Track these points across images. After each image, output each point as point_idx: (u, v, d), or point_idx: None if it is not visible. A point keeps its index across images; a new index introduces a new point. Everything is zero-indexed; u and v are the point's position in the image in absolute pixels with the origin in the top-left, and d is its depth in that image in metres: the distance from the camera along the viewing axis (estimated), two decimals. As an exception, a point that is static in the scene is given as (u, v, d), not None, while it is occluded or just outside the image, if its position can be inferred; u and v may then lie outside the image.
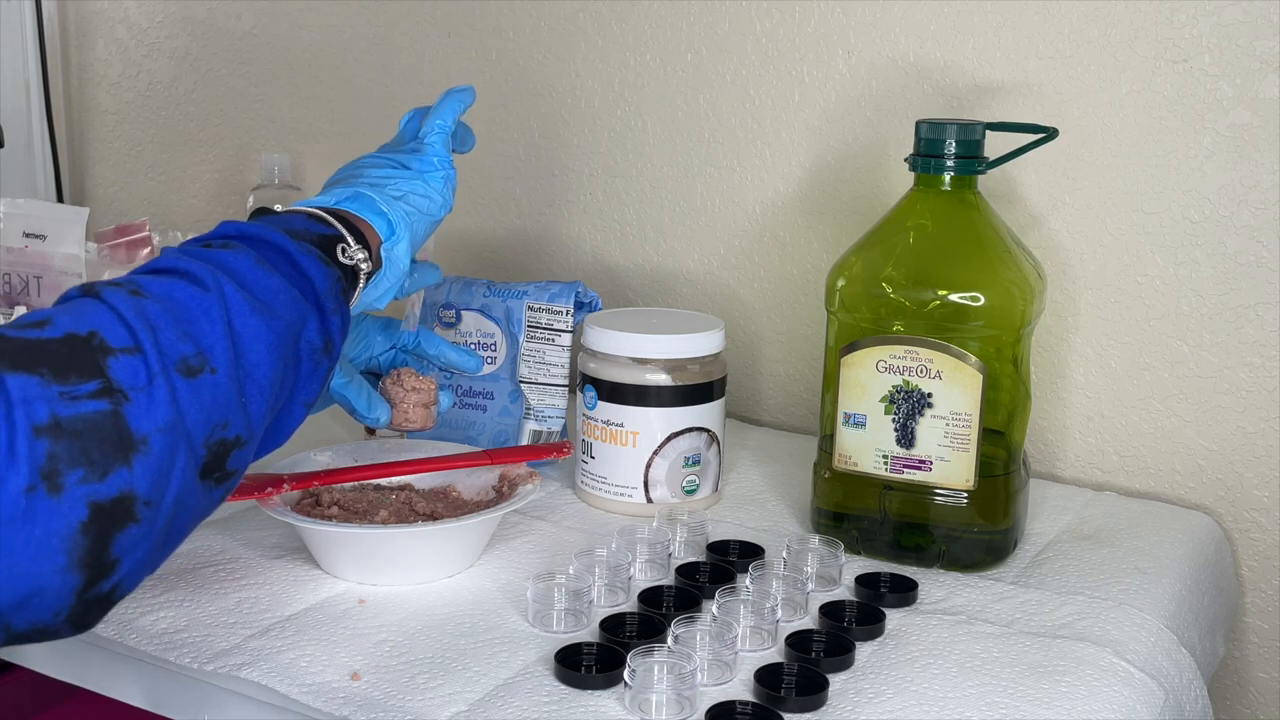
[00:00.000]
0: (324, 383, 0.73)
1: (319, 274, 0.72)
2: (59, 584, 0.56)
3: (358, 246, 0.78)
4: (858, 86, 1.15)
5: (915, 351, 0.87)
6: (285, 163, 1.39)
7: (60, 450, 0.55)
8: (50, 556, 0.56)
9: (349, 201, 0.81)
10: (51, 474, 0.55)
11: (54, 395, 0.56)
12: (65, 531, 0.56)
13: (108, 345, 0.59)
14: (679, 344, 0.97)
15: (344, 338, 0.75)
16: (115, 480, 0.57)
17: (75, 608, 0.58)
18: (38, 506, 0.55)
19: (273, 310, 0.68)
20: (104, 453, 0.57)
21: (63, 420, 0.56)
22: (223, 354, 0.64)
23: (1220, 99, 1.00)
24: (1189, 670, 0.83)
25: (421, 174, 0.85)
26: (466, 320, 1.09)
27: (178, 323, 0.62)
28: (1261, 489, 1.04)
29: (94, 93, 1.68)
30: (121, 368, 0.59)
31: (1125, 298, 1.06)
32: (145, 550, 0.60)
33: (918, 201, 0.91)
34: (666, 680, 0.70)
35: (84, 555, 0.57)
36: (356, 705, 0.70)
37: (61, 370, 0.57)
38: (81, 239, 1.21)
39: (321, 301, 0.72)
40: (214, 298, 0.65)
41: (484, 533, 0.88)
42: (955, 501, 0.89)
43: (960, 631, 0.81)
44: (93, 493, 0.56)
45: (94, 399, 0.57)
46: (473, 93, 0.90)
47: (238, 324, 0.65)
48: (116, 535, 0.58)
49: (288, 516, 0.83)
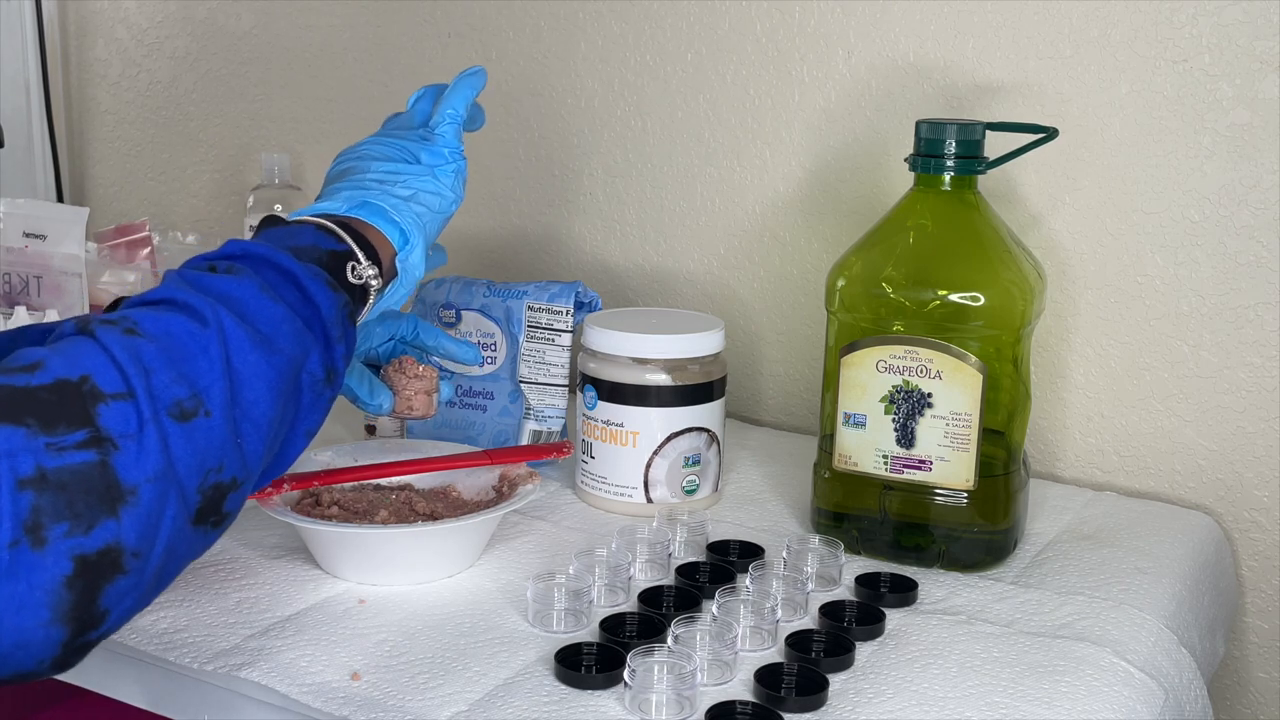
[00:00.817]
0: (325, 412, 0.71)
1: (326, 300, 0.70)
2: (43, 637, 0.55)
3: (368, 263, 0.75)
4: (858, 86, 1.15)
5: (915, 351, 0.87)
6: (285, 163, 1.39)
7: (45, 503, 0.54)
8: (34, 611, 0.55)
9: (359, 210, 0.78)
10: (35, 527, 0.54)
11: (40, 447, 0.55)
12: (49, 586, 0.55)
13: (99, 391, 0.58)
14: (679, 344, 0.97)
15: (348, 363, 0.73)
16: (101, 533, 0.56)
17: (59, 656, 0.57)
18: (20, 560, 0.54)
19: (274, 345, 0.66)
20: (89, 505, 0.56)
21: (48, 472, 0.55)
22: (219, 395, 0.62)
23: (1220, 99, 1.00)
24: (1189, 670, 0.83)
25: (432, 168, 0.83)
26: (466, 320, 1.09)
27: (173, 363, 0.61)
28: (1261, 489, 1.04)
29: (94, 93, 1.68)
30: (112, 415, 0.57)
31: (1125, 298, 1.06)
32: (134, 599, 0.59)
33: (918, 201, 0.91)
34: (666, 680, 0.70)
35: (70, 609, 0.56)
36: (356, 705, 0.70)
37: (49, 420, 0.56)
38: (81, 239, 1.21)
39: (327, 330, 0.70)
40: (213, 333, 0.63)
41: (484, 533, 0.88)
42: (955, 501, 0.89)
43: (960, 631, 0.81)
44: (77, 546, 0.55)
45: (81, 449, 0.56)
46: (484, 75, 0.87)
47: (236, 361, 0.63)
48: (104, 587, 0.57)
49: (288, 516, 0.83)
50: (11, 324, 1.13)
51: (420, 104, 0.89)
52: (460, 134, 0.85)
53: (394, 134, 0.86)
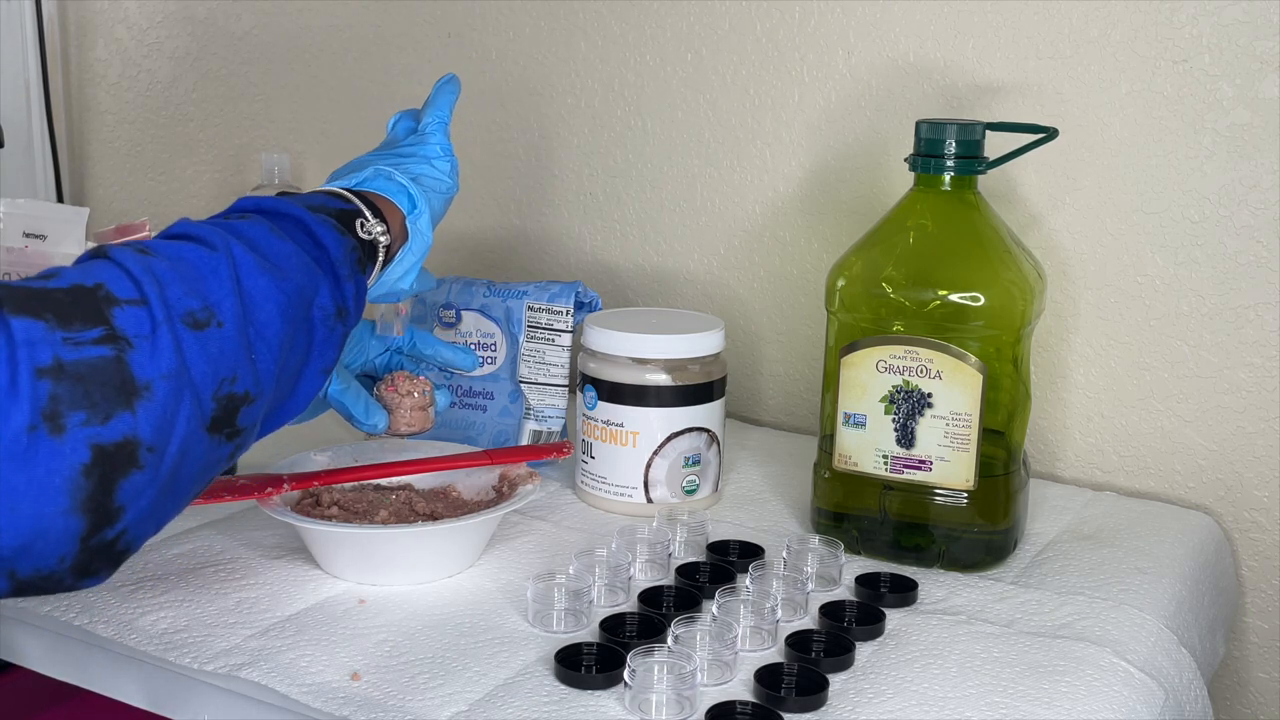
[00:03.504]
0: (339, 349, 0.74)
1: (333, 241, 0.73)
2: (61, 527, 0.57)
3: (376, 221, 0.79)
4: (858, 86, 1.15)
5: (915, 351, 0.87)
6: (285, 163, 1.39)
7: (62, 392, 0.56)
8: (52, 498, 0.56)
9: (369, 181, 0.82)
10: (54, 415, 0.55)
11: (58, 340, 0.57)
12: (67, 472, 0.56)
13: (113, 296, 0.60)
14: (679, 344, 0.97)
15: (360, 306, 0.76)
16: (118, 424, 0.58)
17: (80, 555, 0.58)
18: (39, 446, 0.55)
19: (283, 271, 0.68)
20: (106, 396, 0.57)
21: (66, 364, 0.56)
22: (230, 309, 0.64)
23: (1220, 99, 1.00)
24: (1189, 670, 0.83)
25: (428, 159, 0.87)
26: (466, 320, 1.09)
27: (184, 279, 0.63)
28: (1261, 489, 1.04)
29: (94, 93, 1.68)
30: (126, 317, 0.60)
31: (1125, 298, 1.06)
32: (150, 499, 0.60)
33: (918, 201, 0.91)
34: (666, 680, 0.70)
35: (87, 499, 0.57)
36: (356, 705, 0.70)
37: (66, 316, 0.58)
38: (81, 239, 1.21)
39: (336, 269, 0.73)
40: (222, 256, 0.65)
41: (484, 533, 0.88)
42: (955, 501, 0.89)
43: (960, 631, 0.81)
44: (95, 435, 0.57)
45: (97, 345, 0.58)
46: (458, 82, 0.92)
47: (246, 283, 0.66)
48: (120, 481, 0.58)
49: (288, 516, 0.83)
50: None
51: (401, 124, 0.93)
52: (448, 133, 0.89)
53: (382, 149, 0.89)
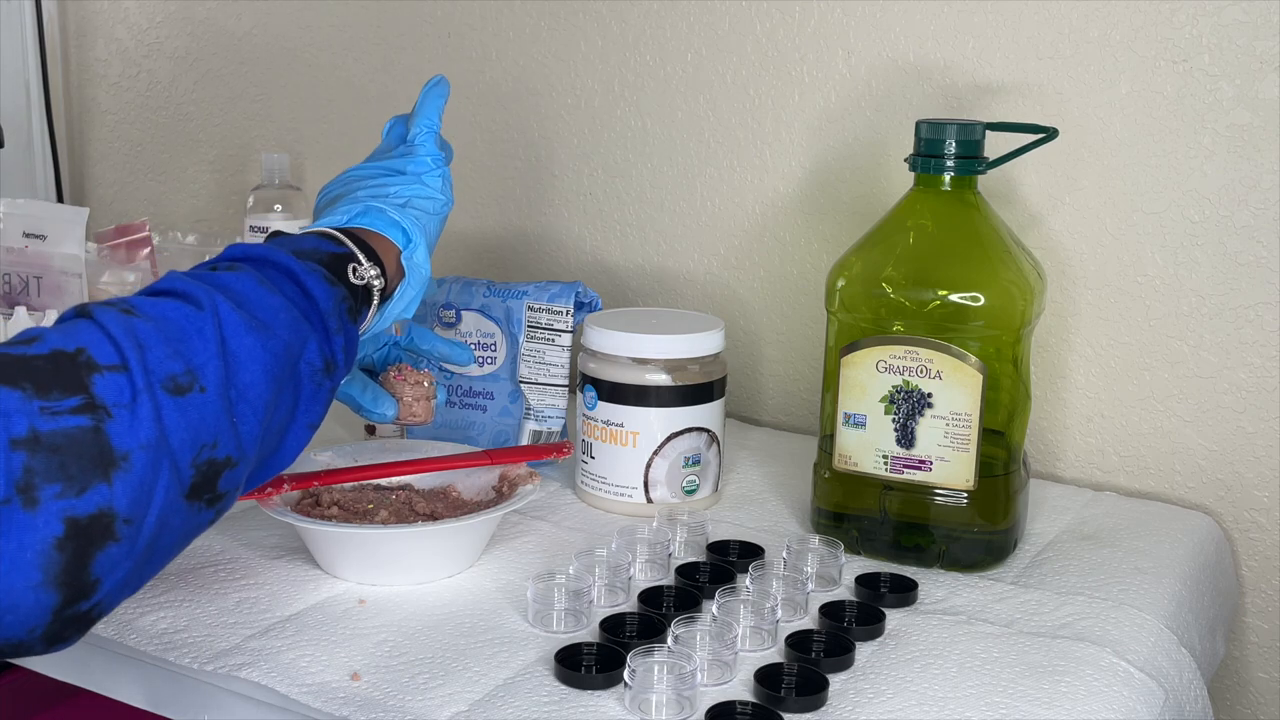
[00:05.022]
0: (327, 404, 0.72)
1: (323, 293, 0.72)
2: (33, 601, 0.56)
3: (369, 264, 0.78)
4: (858, 86, 1.15)
5: (915, 351, 0.87)
6: (285, 163, 1.39)
7: (37, 464, 0.55)
8: (24, 571, 0.55)
9: (360, 217, 0.81)
10: (27, 488, 0.54)
11: (34, 409, 0.56)
12: (40, 546, 0.55)
13: (94, 362, 0.59)
14: (679, 344, 0.97)
15: (350, 358, 0.74)
16: (93, 496, 0.56)
17: (51, 625, 0.57)
18: (12, 520, 0.54)
19: (270, 329, 0.67)
20: (83, 468, 0.56)
21: (42, 435, 0.55)
22: (213, 373, 0.63)
23: (1220, 99, 1.00)
24: (1189, 670, 0.83)
25: (419, 176, 0.86)
26: (466, 320, 1.09)
27: (168, 341, 0.62)
28: (1261, 489, 1.04)
29: (94, 93, 1.68)
30: (106, 384, 0.58)
31: (1125, 298, 1.06)
32: (126, 570, 0.59)
33: (918, 201, 0.91)
34: (666, 680, 0.70)
35: (60, 573, 0.56)
36: (356, 705, 0.70)
37: (44, 385, 0.56)
38: (81, 239, 1.21)
39: (325, 321, 0.71)
40: (208, 316, 0.64)
41: (484, 533, 0.88)
42: (955, 501, 0.89)
43: (960, 631, 0.81)
44: (69, 507, 0.56)
45: (75, 414, 0.57)
46: (447, 84, 0.91)
47: (232, 343, 0.64)
48: (96, 554, 0.57)
49: (288, 516, 0.83)
50: (11, 324, 1.14)
51: (394, 130, 0.92)
52: (438, 142, 0.88)
53: (373, 159, 0.89)
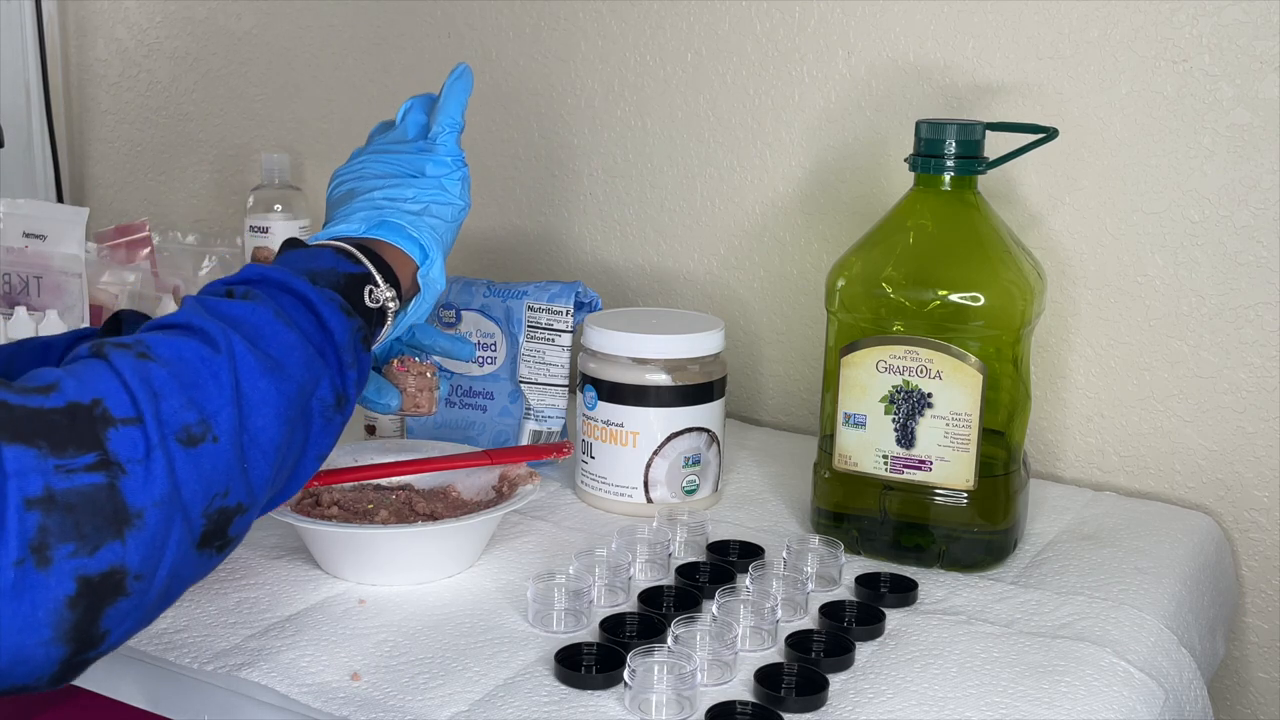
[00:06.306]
0: (337, 436, 0.72)
1: (340, 326, 0.71)
2: (43, 655, 0.56)
3: (385, 286, 0.77)
4: (858, 86, 1.15)
5: (915, 351, 0.87)
6: (285, 163, 1.39)
7: (51, 524, 0.55)
8: (35, 630, 0.55)
9: (377, 229, 0.80)
10: (41, 547, 0.54)
11: (49, 468, 0.55)
12: (51, 605, 0.55)
13: (110, 415, 0.58)
14: (679, 344, 0.97)
15: (360, 389, 0.74)
16: (106, 554, 0.56)
17: (57, 673, 0.57)
18: (25, 580, 0.54)
19: (284, 370, 0.66)
20: (96, 527, 0.56)
21: (56, 493, 0.55)
22: (227, 421, 0.62)
23: (1220, 99, 1.00)
24: (1189, 670, 0.83)
25: (439, 179, 0.83)
26: (466, 320, 1.09)
27: (183, 388, 0.61)
28: (1261, 489, 1.04)
29: (94, 93, 1.68)
30: (121, 440, 0.58)
31: (1125, 298, 1.06)
32: (135, 621, 0.59)
33: (918, 201, 0.91)
34: (666, 680, 0.70)
35: (70, 629, 0.56)
36: (356, 705, 0.70)
37: (60, 442, 0.56)
38: (81, 239, 1.21)
39: (340, 356, 0.71)
40: (224, 359, 0.63)
41: (484, 533, 0.88)
42: (955, 501, 0.89)
43: (960, 631, 0.81)
44: (82, 567, 0.56)
45: (90, 472, 0.56)
46: (472, 75, 0.88)
47: (246, 386, 0.64)
48: (106, 609, 0.57)
49: (288, 516, 0.83)
50: (11, 324, 1.13)
51: (412, 115, 0.88)
52: (460, 140, 0.86)
53: (391, 149, 0.86)
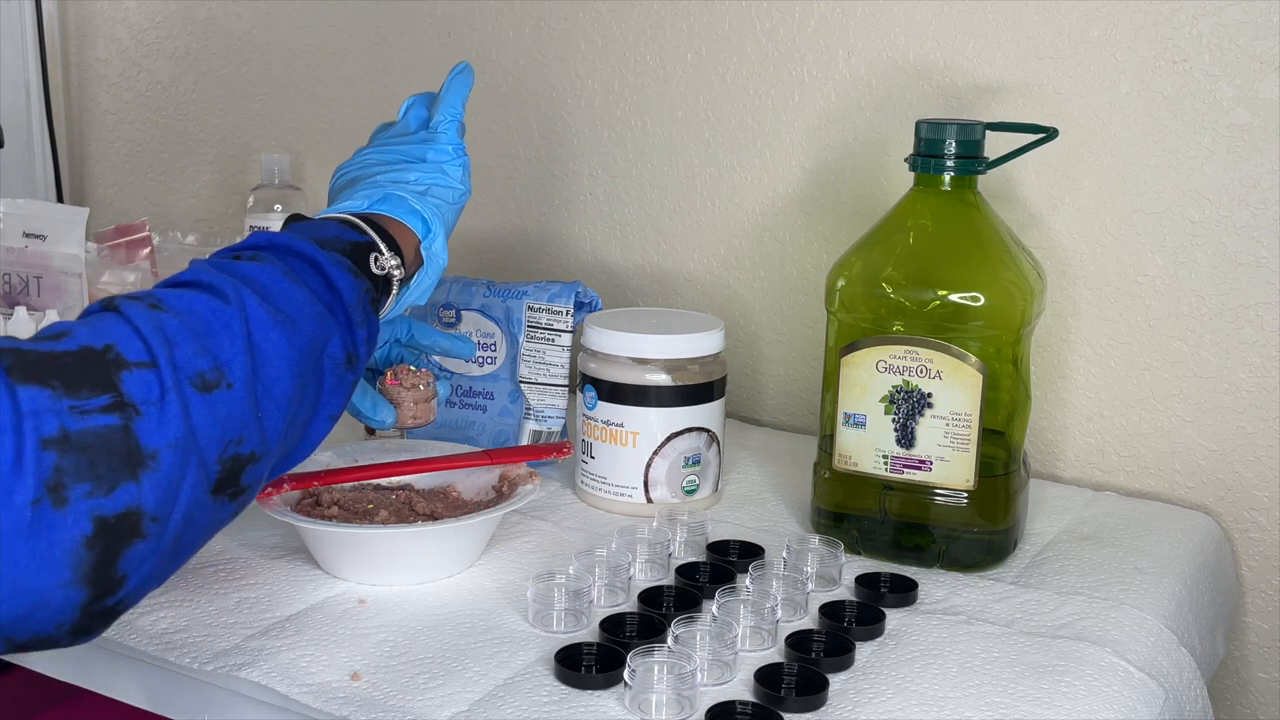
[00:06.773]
0: (348, 396, 0.73)
1: (348, 286, 0.72)
2: (62, 598, 0.56)
3: (390, 254, 0.78)
4: (858, 86, 1.15)
5: (915, 351, 0.87)
6: (285, 163, 1.39)
7: (67, 464, 0.55)
8: (54, 570, 0.55)
9: (380, 204, 0.81)
10: (57, 486, 0.55)
11: (64, 408, 0.56)
12: (69, 545, 0.55)
13: (123, 359, 0.59)
14: (679, 344, 0.97)
15: (370, 349, 0.75)
16: (122, 495, 0.57)
17: (79, 620, 0.58)
18: (42, 519, 0.54)
19: (295, 324, 0.67)
20: (111, 467, 0.56)
21: (71, 434, 0.55)
22: (240, 369, 0.63)
23: (1220, 99, 1.00)
24: (1189, 670, 0.83)
25: (440, 165, 0.85)
26: (466, 320, 1.09)
27: (196, 337, 0.62)
28: (1261, 489, 1.04)
29: (94, 93, 1.68)
30: (135, 382, 0.58)
31: (1125, 298, 1.06)
32: (152, 565, 0.60)
33: (918, 201, 0.91)
34: (666, 680, 0.70)
35: (89, 570, 0.56)
36: (356, 705, 0.70)
37: (73, 383, 0.57)
38: (81, 239, 1.21)
39: (349, 314, 0.72)
40: (234, 311, 0.64)
41: (484, 533, 0.88)
42: (955, 501, 0.89)
43: (960, 631, 0.81)
44: (98, 507, 0.56)
45: (104, 413, 0.57)
46: (472, 72, 0.90)
47: (258, 338, 0.65)
48: (124, 551, 0.57)
49: (288, 516, 0.83)
50: (11, 324, 1.13)
51: (413, 111, 0.91)
52: (461, 130, 0.88)
53: (392, 142, 0.88)
